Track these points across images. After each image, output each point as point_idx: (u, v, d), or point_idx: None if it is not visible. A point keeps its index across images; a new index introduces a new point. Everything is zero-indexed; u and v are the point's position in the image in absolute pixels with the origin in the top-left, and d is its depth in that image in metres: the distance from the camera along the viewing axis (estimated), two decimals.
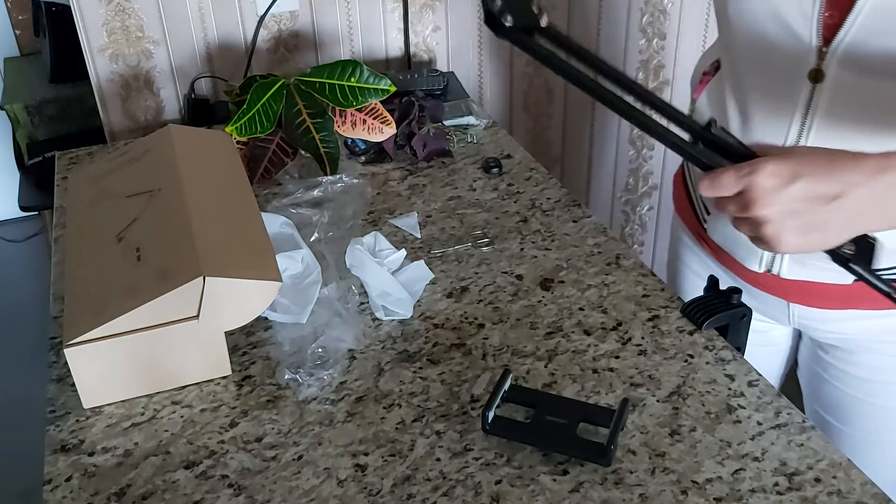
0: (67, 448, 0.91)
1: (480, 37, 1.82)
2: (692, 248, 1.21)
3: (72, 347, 0.91)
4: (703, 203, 1.14)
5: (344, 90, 1.34)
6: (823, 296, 1.05)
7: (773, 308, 1.12)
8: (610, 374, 0.98)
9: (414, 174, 1.42)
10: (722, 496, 0.83)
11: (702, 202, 1.15)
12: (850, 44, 0.87)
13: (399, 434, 0.91)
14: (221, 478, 0.87)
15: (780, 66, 0.94)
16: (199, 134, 1.28)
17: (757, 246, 0.78)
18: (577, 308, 1.09)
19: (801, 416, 0.92)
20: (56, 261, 1.20)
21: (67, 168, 1.48)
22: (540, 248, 1.21)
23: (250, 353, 1.03)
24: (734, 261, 1.10)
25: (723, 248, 1.11)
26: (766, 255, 1.05)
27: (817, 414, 1.20)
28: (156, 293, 0.92)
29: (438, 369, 1.00)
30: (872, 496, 0.82)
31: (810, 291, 1.06)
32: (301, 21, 1.67)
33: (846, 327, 1.08)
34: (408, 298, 1.09)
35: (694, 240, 1.20)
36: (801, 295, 1.07)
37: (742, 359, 1.00)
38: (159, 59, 1.62)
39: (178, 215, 1.03)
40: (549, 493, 0.84)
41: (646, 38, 1.94)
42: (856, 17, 0.86)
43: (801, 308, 1.09)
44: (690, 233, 1.20)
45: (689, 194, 1.19)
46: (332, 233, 1.20)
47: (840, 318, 1.07)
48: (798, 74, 0.93)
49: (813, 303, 1.08)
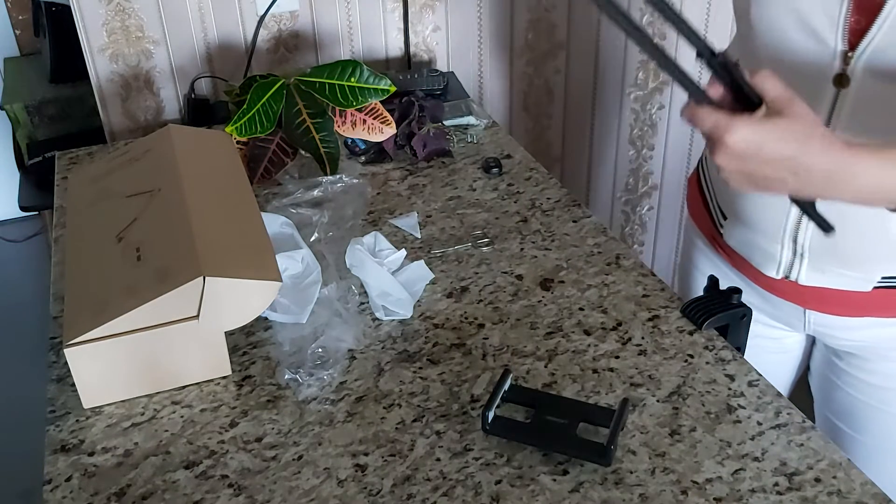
0: (67, 448, 0.91)
1: (480, 37, 1.82)
2: (706, 253, 1.20)
3: (72, 347, 0.91)
4: (719, 207, 1.13)
5: (344, 90, 1.34)
6: (841, 303, 1.05)
7: (789, 315, 1.12)
8: (610, 374, 0.98)
9: (414, 174, 1.42)
10: (722, 496, 0.83)
11: (718, 206, 1.13)
12: (876, 49, 0.87)
13: (399, 434, 0.91)
14: (221, 478, 0.87)
15: (803, 70, 0.93)
16: (199, 134, 1.28)
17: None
18: (577, 308, 1.09)
19: (801, 416, 0.92)
20: (56, 261, 1.20)
21: (67, 168, 1.48)
22: (540, 248, 1.21)
23: (250, 353, 1.03)
24: (750, 266, 1.10)
25: (739, 254, 1.11)
26: (783, 261, 1.05)
27: (829, 421, 1.19)
28: (156, 293, 0.92)
29: (438, 369, 1.00)
30: (872, 496, 0.82)
31: (828, 298, 1.05)
32: (301, 21, 1.67)
33: (862, 335, 1.08)
34: (408, 298, 1.09)
35: (708, 244, 1.19)
36: (818, 302, 1.07)
37: (742, 359, 1.00)
38: (159, 59, 1.62)
39: (178, 215, 1.03)
40: (549, 493, 0.84)
41: None
42: (883, 22, 0.86)
43: (817, 315, 1.09)
44: (705, 237, 1.20)
45: (704, 198, 1.18)
46: (332, 233, 1.20)
47: (857, 326, 1.07)
48: (822, 79, 0.92)
49: (830, 310, 1.07)
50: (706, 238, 1.19)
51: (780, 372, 1.21)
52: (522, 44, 1.86)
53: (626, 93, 2.00)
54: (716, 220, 1.15)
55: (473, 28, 1.80)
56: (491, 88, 1.89)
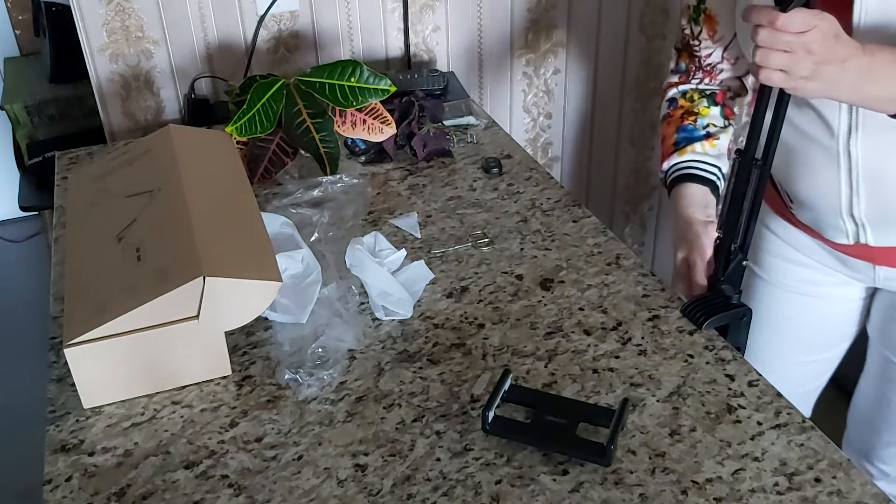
0: (67, 448, 0.91)
1: (480, 37, 1.82)
2: (780, 222, 1.28)
3: (72, 347, 0.91)
4: (786, 192, 1.21)
5: (344, 90, 1.34)
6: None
7: (859, 270, 1.21)
8: (610, 374, 0.98)
9: (414, 174, 1.42)
10: (722, 496, 0.83)
11: (785, 192, 1.21)
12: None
13: (399, 434, 0.91)
14: (221, 478, 0.87)
15: None
16: (199, 134, 1.28)
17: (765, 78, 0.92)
18: (577, 308, 1.09)
19: (801, 416, 0.92)
20: (56, 261, 1.20)
21: (67, 168, 1.48)
22: (540, 248, 1.21)
23: (250, 353, 1.03)
24: (821, 236, 1.19)
25: (811, 228, 1.20)
26: (849, 231, 1.14)
27: (885, 358, 1.28)
28: (156, 293, 0.92)
29: (438, 369, 1.00)
30: (872, 496, 0.82)
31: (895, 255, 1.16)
32: (301, 21, 1.67)
33: None
34: (408, 298, 1.09)
35: (782, 220, 1.27)
36: (887, 258, 1.17)
37: (742, 359, 1.00)
38: (159, 59, 1.62)
39: (178, 215, 1.03)
40: (549, 493, 0.84)
41: (646, 38, 1.94)
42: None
43: (886, 269, 1.19)
44: (776, 214, 1.28)
45: (774, 186, 1.24)
46: (332, 233, 1.20)
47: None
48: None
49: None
50: (777, 215, 1.28)
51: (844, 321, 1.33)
52: (522, 44, 1.86)
53: (626, 93, 2.00)
54: (786, 203, 1.23)
55: (473, 28, 1.80)
56: (491, 88, 1.89)
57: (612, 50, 1.93)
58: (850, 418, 1.42)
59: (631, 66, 1.97)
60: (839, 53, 0.89)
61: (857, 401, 1.39)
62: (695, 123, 1.23)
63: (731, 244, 1.03)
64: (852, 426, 1.41)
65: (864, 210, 1.10)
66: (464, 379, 0.98)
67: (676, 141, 1.23)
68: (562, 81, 1.93)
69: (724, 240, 1.04)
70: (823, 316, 1.31)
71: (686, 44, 1.23)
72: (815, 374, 1.39)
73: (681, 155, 1.22)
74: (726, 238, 1.04)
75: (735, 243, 1.03)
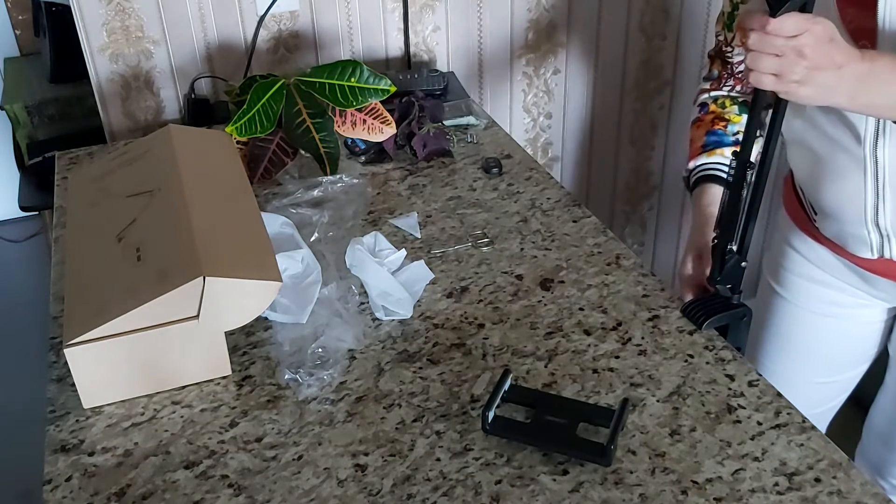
0: (67, 448, 0.91)
1: (480, 37, 1.82)
2: (804, 239, 1.27)
3: (72, 347, 0.91)
4: (810, 204, 1.20)
5: (344, 90, 1.34)
6: None
7: (884, 289, 1.20)
8: (610, 374, 0.98)
9: (414, 174, 1.42)
10: (722, 496, 0.83)
11: (810, 204, 1.21)
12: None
13: (399, 434, 0.91)
14: (221, 478, 0.87)
15: None
16: (199, 134, 1.28)
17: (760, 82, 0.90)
18: (577, 308, 1.09)
19: (801, 416, 0.92)
20: (56, 261, 1.20)
21: (67, 168, 1.48)
22: (540, 248, 1.21)
23: (250, 353, 1.03)
24: (848, 252, 1.18)
25: (836, 242, 1.19)
26: (874, 244, 1.13)
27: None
28: (156, 293, 0.92)
29: (438, 369, 1.00)
30: (872, 496, 0.82)
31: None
32: (301, 21, 1.67)
33: None
34: (408, 298, 1.09)
35: (807, 237, 1.26)
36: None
37: (742, 359, 1.00)
38: (159, 59, 1.62)
39: (178, 215, 1.03)
40: (549, 493, 0.84)
41: (646, 38, 1.94)
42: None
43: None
44: (800, 230, 1.27)
45: (798, 197, 1.24)
46: (332, 233, 1.20)
47: None
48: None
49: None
50: (801, 230, 1.27)
51: (866, 342, 1.32)
52: (522, 44, 1.86)
53: (626, 93, 2.00)
54: (810, 216, 1.21)
55: (473, 28, 1.80)
56: (491, 88, 1.89)
57: (612, 50, 1.93)
58: (865, 433, 1.41)
59: (631, 66, 1.97)
60: (834, 59, 0.87)
61: (874, 416, 1.39)
62: (725, 129, 1.22)
63: (727, 244, 1.03)
64: (867, 440, 1.41)
65: (889, 218, 1.08)
66: (464, 379, 0.98)
67: (705, 143, 1.23)
68: (562, 81, 1.93)
69: (720, 240, 1.04)
70: (845, 337, 1.31)
71: (719, 50, 1.23)
72: (834, 393, 1.38)
73: (709, 156, 1.21)
74: (722, 238, 1.04)
75: (732, 243, 1.03)
